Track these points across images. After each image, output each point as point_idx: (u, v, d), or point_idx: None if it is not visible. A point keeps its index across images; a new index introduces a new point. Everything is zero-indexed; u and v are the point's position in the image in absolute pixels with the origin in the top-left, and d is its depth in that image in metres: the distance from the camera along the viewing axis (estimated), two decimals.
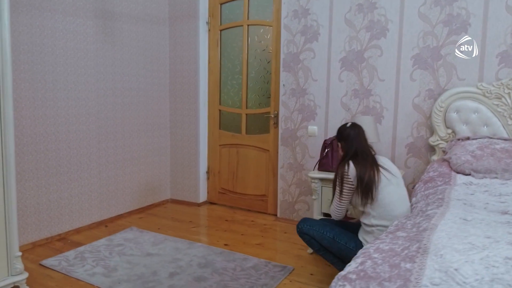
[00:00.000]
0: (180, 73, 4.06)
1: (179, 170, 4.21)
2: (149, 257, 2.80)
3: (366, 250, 1.32)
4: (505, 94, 2.63)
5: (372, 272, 1.16)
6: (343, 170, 2.12)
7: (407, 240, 1.37)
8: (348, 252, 2.15)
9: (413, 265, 1.16)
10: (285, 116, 3.56)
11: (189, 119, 4.07)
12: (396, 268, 1.17)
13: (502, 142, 2.52)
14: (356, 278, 1.16)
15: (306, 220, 2.36)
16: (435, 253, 1.19)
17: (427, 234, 1.34)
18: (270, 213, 3.85)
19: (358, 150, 2.15)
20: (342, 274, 1.22)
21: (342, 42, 3.23)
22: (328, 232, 2.23)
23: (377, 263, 1.21)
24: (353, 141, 2.18)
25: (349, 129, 2.23)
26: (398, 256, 1.24)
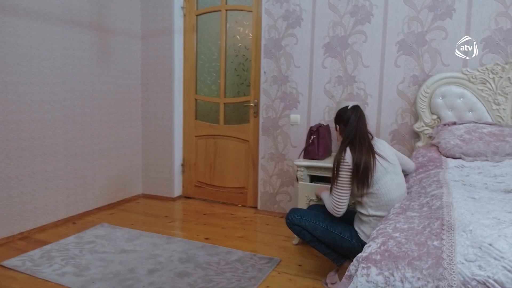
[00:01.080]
0: (153, 60, 3.83)
1: (152, 163, 3.98)
2: (125, 254, 2.58)
3: (384, 230, 1.21)
4: (490, 79, 2.63)
5: (399, 252, 1.05)
6: (339, 157, 1.99)
7: (424, 218, 1.28)
8: (343, 242, 2.05)
9: (441, 243, 1.06)
10: (266, 104, 3.43)
11: (163, 109, 3.85)
12: (423, 246, 1.06)
13: (488, 127, 2.52)
14: (381, 259, 1.05)
15: (296, 211, 2.23)
16: (463, 229, 1.10)
17: (446, 211, 1.25)
18: (250, 206, 3.71)
19: (358, 134, 2.02)
20: (363, 255, 1.10)
21: (325, 28, 3.14)
22: (321, 222, 2.11)
23: (401, 242, 1.10)
24: (354, 125, 2.04)
25: (350, 112, 2.09)
26: (422, 235, 1.13)
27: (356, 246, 2.00)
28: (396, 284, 1.00)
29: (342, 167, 1.97)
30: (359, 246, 1.99)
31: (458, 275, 0.96)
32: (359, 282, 1.04)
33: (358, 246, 1.99)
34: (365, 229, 1.99)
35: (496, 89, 2.62)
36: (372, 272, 1.04)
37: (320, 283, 2.25)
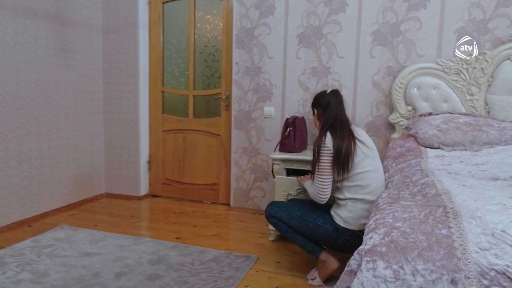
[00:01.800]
0: (116, 50, 3.59)
1: (116, 160, 3.73)
2: (88, 257, 2.36)
3: (383, 220, 1.11)
4: (464, 70, 2.64)
5: (406, 243, 0.96)
6: (320, 142, 1.93)
7: (422, 206, 1.20)
8: (317, 228, 2.00)
9: (450, 231, 0.98)
10: (239, 97, 3.29)
11: (127, 102, 3.61)
12: (431, 235, 0.98)
13: (463, 117, 2.52)
14: (387, 251, 0.95)
15: (274, 203, 2.20)
16: (470, 216, 1.02)
17: (446, 198, 1.17)
18: (222, 203, 3.56)
19: (338, 119, 1.96)
20: (366, 248, 0.99)
21: (299, 17, 3.05)
22: (296, 210, 2.07)
23: (406, 232, 1.00)
24: (334, 109, 1.98)
25: (329, 96, 2.02)
26: (426, 223, 1.05)
27: (330, 230, 1.96)
28: (407, 278, 0.91)
29: (323, 152, 1.91)
30: (333, 231, 1.96)
31: (474, 265, 0.88)
32: (365, 278, 0.94)
33: (332, 230, 1.96)
34: (341, 212, 1.95)
35: (470, 80, 2.63)
36: (379, 265, 0.94)
37: (301, 280, 2.15)
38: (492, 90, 2.59)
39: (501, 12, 2.59)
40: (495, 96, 2.58)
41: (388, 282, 0.92)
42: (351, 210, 1.91)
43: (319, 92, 2.13)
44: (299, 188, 2.49)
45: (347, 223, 1.92)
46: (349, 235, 1.92)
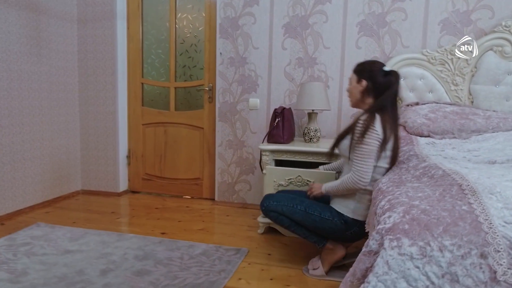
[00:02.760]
0: (92, 39, 3.42)
1: (93, 155, 3.56)
2: (69, 255, 2.23)
3: (398, 200, 1.08)
4: (448, 60, 2.68)
5: (429, 219, 0.93)
6: (370, 123, 1.71)
7: (433, 186, 1.18)
8: (324, 223, 1.92)
9: (471, 207, 0.95)
10: (223, 88, 3.21)
11: (105, 94, 3.46)
12: (453, 211, 0.95)
13: (449, 106, 2.55)
14: (410, 228, 0.91)
15: (271, 197, 2.07)
16: (489, 192, 1.01)
17: (457, 177, 1.16)
18: (206, 198, 3.47)
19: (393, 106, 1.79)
20: (387, 227, 0.96)
21: (285, 7, 3.01)
22: (299, 205, 1.97)
23: (427, 210, 0.97)
24: (391, 94, 1.78)
25: (393, 78, 1.79)
26: (444, 201, 1.02)
27: (339, 224, 1.89)
28: (434, 254, 0.88)
29: (371, 135, 1.72)
30: (341, 224, 1.89)
31: (503, 239, 0.86)
32: (390, 256, 0.90)
33: (341, 223, 1.89)
34: (349, 203, 1.88)
35: (454, 70, 2.67)
36: (404, 243, 0.90)
37: (295, 271, 2.11)
38: (476, 80, 2.64)
39: (484, 3, 2.65)
40: (478, 86, 2.64)
41: (415, 259, 0.88)
42: (359, 201, 1.84)
43: (373, 63, 1.88)
44: (290, 178, 2.45)
45: (356, 214, 1.86)
46: (357, 226, 1.87)
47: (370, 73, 1.85)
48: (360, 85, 1.88)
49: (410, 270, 0.88)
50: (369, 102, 1.88)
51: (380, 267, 0.90)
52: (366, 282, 0.91)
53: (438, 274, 0.87)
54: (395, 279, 0.88)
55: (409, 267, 0.88)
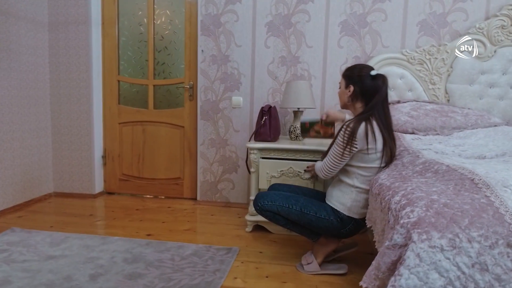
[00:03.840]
0: (64, 34, 3.26)
1: (66, 155, 3.40)
2: (53, 261, 2.11)
3: (415, 195, 1.11)
4: (427, 60, 2.79)
5: (453, 213, 0.96)
6: (353, 129, 1.76)
7: (443, 181, 1.22)
8: (320, 222, 1.94)
9: (489, 199, 1.00)
10: (205, 86, 3.17)
11: (78, 92, 3.31)
12: (473, 205, 0.99)
13: (428, 104, 2.66)
14: (437, 222, 0.94)
15: (265, 196, 2.05)
16: (502, 185, 1.06)
17: (466, 172, 1.21)
18: (187, 197, 3.41)
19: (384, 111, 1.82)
20: (412, 221, 0.98)
21: (268, 5, 3.01)
22: (294, 205, 1.98)
23: (447, 203, 1.01)
24: (381, 100, 1.81)
25: (380, 82, 1.82)
26: (460, 195, 1.07)
27: (335, 222, 1.92)
28: (464, 246, 0.92)
29: (350, 141, 1.78)
30: (337, 222, 1.92)
31: None
32: (421, 249, 0.93)
33: (337, 221, 1.92)
34: (345, 200, 1.91)
35: (432, 70, 2.79)
36: (433, 236, 0.93)
37: (288, 267, 2.12)
38: (452, 80, 2.77)
39: (458, 6, 2.79)
40: (454, 85, 2.77)
41: (445, 251, 0.92)
42: (356, 199, 1.88)
43: (361, 69, 1.91)
44: (282, 169, 2.50)
45: (351, 211, 1.89)
46: (352, 224, 1.91)
47: (357, 78, 1.89)
48: (348, 90, 1.94)
49: (441, 261, 0.92)
50: (358, 106, 1.93)
51: (411, 259, 0.93)
52: (398, 275, 0.93)
53: (468, 264, 0.91)
54: (427, 271, 0.91)
55: (440, 258, 0.92)
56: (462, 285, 0.89)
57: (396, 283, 0.92)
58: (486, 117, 2.44)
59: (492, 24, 2.70)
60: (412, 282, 0.91)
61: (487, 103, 2.74)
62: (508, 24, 2.69)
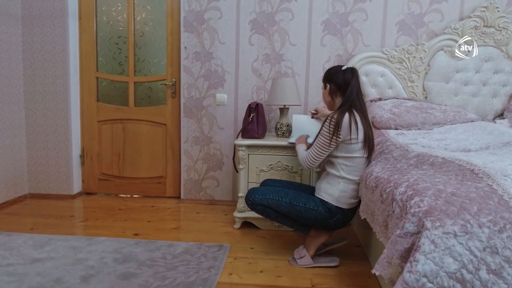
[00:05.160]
0: (39, 28, 3.14)
1: (42, 155, 3.27)
2: (39, 263, 2.04)
3: (421, 186, 1.17)
4: (406, 59, 2.90)
5: (462, 201, 1.02)
6: (338, 120, 1.86)
7: (442, 172, 1.29)
8: (309, 213, 2.01)
9: (491, 188, 1.07)
10: (188, 83, 3.14)
11: (54, 89, 3.19)
12: (478, 192, 1.05)
13: (408, 101, 2.77)
14: (448, 209, 1.00)
15: (256, 190, 2.11)
16: (502, 174, 1.14)
17: (464, 162, 1.28)
18: (170, 196, 3.37)
19: (359, 101, 1.94)
20: (423, 209, 1.04)
21: (251, 2, 3.03)
22: (284, 197, 2.04)
23: (454, 192, 1.07)
24: (354, 90, 1.93)
25: (349, 75, 1.96)
26: (463, 184, 1.13)
27: (323, 212, 1.99)
28: (475, 231, 0.98)
29: (334, 131, 1.87)
30: (326, 212, 1.99)
31: None
32: (435, 235, 0.98)
33: (325, 212, 1.99)
34: (333, 191, 1.98)
35: (410, 68, 2.90)
36: (446, 223, 0.99)
37: (281, 262, 2.16)
38: (429, 77, 2.90)
39: (435, 7, 2.91)
40: (431, 83, 2.90)
41: (458, 236, 0.98)
42: (343, 190, 1.95)
43: (333, 67, 2.07)
44: (270, 163, 2.54)
45: (339, 202, 1.96)
46: (340, 214, 1.98)
47: (330, 76, 2.06)
48: (326, 90, 2.09)
49: (455, 246, 0.97)
50: (338, 101, 2.05)
51: (426, 246, 0.98)
52: (414, 261, 0.98)
53: (480, 248, 0.97)
54: (442, 256, 0.97)
55: (453, 243, 0.97)
56: (474, 268, 0.96)
57: (413, 268, 0.97)
58: (463, 113, 2.57)
59: (466, 24, 2.85)
60: (429, 267, 0.96)
61: (462, 100, 2.88)
62: (481, 25, 2.84)
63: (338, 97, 2.04)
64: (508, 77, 2.88)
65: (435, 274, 0.96)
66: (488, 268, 0.95)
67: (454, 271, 0.96)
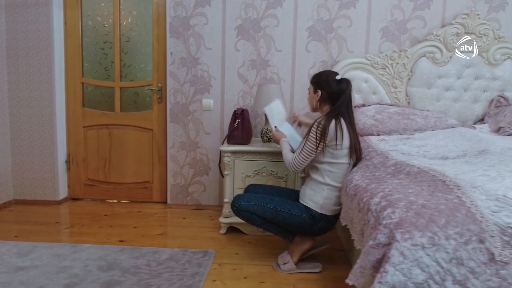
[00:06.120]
0: (24, 35, 3.12)
1: (27, 161, 3.26)
2: (23, 272, 2.04)
3: (394, 197, 1.20)
4: (389, 65, 2.95)
5: (431, 213, 1.06)
6: (325, 125, 1.90)
7: (416, 183, 1.33)
8: (293, 219, 2.03)
9: (461, 200, 1.11)
10: (174, 88, 3.15)
11: (40, 95, 3.18)
12: (447, 205, 1.09)
13: (391, 107, 2.81)
14: (417, 222, 1.03)
15: (242, 197, 2.13)
16: (471, 186, 1.17)
17: (437, 173, 1.32)
18: (157, 201, 3.38)
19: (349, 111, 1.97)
20: (395, 221, 1.07)
21: (237, 9, 3.05)
22: (269, 203, 2.07)
23: (424, 204, 1.11)
24: (346, 101, 1.96)
25: (344, 85, 1.99)
26: (435, 196, 1.17)
27: (307, 219, 2.02)
28: (442, 243, 1.01)
29: (321, 137, 1.91)
30: (310, 219, 2.02)
31: (494, 226, 1.02)
32: (404, 247, 1.01)
33: (309, 218, 2.02)
34: (317, 198, 2.00)
35: (394, 74, 2.95)
36: (415, 235, 1.02)
37: (265, 268, 2.18)
38: (412, 83, 2.95)
39: (417, 14, 2.96)
40: (414, 89, 2.95)
41: (426, 248, 1.01)
42: (327, 197, 1.98)
43: (325, 73, 2.08)
44: (256, 169, 2.58)
45: (323, 209, 1.99)
46: (324, 221, 2.01)
47: (324, 83, 2.05)
48: (316, 95, 2.09)
49: (423, 258, 1.00)
50: (326, 108, 2.08)
51: (396, 257, 1.01)
52: (383, 272, 1.01)
53: (446, 259, 1.00)
54: (410, 267, 1.00)
55: (421, 255, 1.01)
56: (441, 279, 0.99)
57: (382, 279, 1.00)
58: (444, 119, 2.62)
59: (448, 31, 2.90)
60: (397, 278, 0.99)
61: (444, 105, 2.94)
62: (462, 32, 2.90)
63: (326, 105, 2.06)
64: (488, 82, 2.94)
65: (403, 285, 0.99)
66: (454, 279, 0.98)
67: (421, 282, 0.99)
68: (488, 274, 0.98)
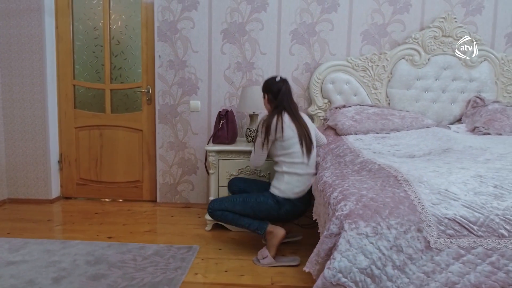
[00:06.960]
0: (17, 38, 3.22)
1: (20, 161, 3.36)
2: (14, 266, 2.14)
3: (349, 191, 1.30)
4: (369, 67, 3.05)
5: (377, 205, 1.16)
6: (268, 122, 2.16)
7: (373, 179, 1.43)
8: (260, 205, 2.24)
9: (406, 193, 1.21)
10: (163, 90, 3.25)
11: (32, 97, 3.28)
12: (394, 198, 1.19)
13: (371, 108, 2.92)
14: (364, 213, 1.14)
15: (215, 200, 2.37)
16: (418, 181, 1.27)
17: (392, 170, 1.42)
18: (147, 200, 3.48)
19: (289, 105, 2.22)
20: (344, 213, 1.17)
21: (223, 13, 3.15)
22: (238, 198, 2.31)
23: (374, 198, 1.21)
24: (285, 96, 2.22)
25: (280, 84, 2.25)
26: (385, 190, 1.27)
27: (272, 204, 2.22)
28: (384, 232, 1.11)
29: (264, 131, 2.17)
30: (274, 204, 2.22)
31: (432, 216, 1.12)
32: (350, 236, 1.11)
33: (274, 203, 2.22)
34: (279, 185, 2.22)
35: (374, 76, 3.06)
36: (360, 225, 1.12)
37: (246, 262, 2.28)
38: (392, 85, 3.05)
39: (396, 18, 3.07)
40: (394, 90, 3.05)
41: (370, 237, 1.11)
42: (288, 182, 2.19)
43: (269, 79, 2.33)
44: (240, 168, 2.73)
45: (285, 193, 2.20)
46: (288, 205, 2.21)
47: (267, 87, 2.32)
48: (264, 99, 2.36)
49: (366, 245, 1.11)
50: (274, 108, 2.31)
51: (343, 245, 1.11)
52: (332, 258, 1.11)
53: (387, 247, 1.11)
54: (355, 254, 1.10)
55: (365, 243, 1.11)
56: (382, 264, 1.09)
57: (331, 265, 1.10)
58: (420, 119, 2.73)
59: (426, 34, 3.01)
60: (343, 264, 1.10)
61: (423, 106, 3.04)
62: (440, 35, 3.01)
63: (274, 105, 2.29)
64: (465, 84, 3.05)
65: (348, 270, 1.09)
66: (394, 265, 1.09)
67: (365, 267, 1.09)
68: (424, 260, 1.08)
